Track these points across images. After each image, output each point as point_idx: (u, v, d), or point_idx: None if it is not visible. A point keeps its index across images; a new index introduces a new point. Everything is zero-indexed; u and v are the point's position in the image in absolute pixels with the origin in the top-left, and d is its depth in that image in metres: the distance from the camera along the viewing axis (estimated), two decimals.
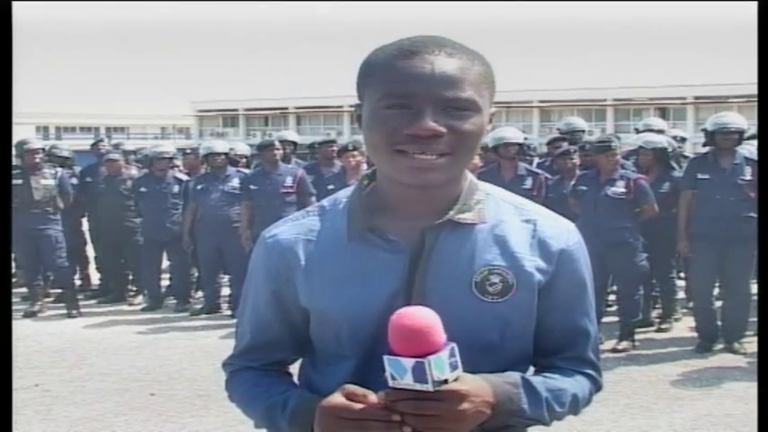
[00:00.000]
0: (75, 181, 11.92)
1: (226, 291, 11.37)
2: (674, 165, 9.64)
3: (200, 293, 11.90)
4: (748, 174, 8.39)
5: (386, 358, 1.74)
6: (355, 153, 10.32)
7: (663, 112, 64.46)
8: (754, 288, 9.27)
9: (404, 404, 1.74)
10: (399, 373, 1.73)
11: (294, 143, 12.83)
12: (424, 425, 1.75)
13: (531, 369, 2.04)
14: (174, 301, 11.64)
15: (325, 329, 1.97)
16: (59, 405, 7.25)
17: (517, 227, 1.96)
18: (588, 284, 2.04)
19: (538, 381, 1.95)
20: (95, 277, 12.94)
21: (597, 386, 2.09)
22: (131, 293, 12.29)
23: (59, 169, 11.40)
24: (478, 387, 1.80)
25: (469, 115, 1.83)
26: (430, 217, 1.91)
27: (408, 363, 1.71)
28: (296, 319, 2.02)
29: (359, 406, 1.76)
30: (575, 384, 2.01)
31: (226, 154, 11.22)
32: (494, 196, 2.00)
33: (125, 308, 11.72)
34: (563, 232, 1.99)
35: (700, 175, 8.59)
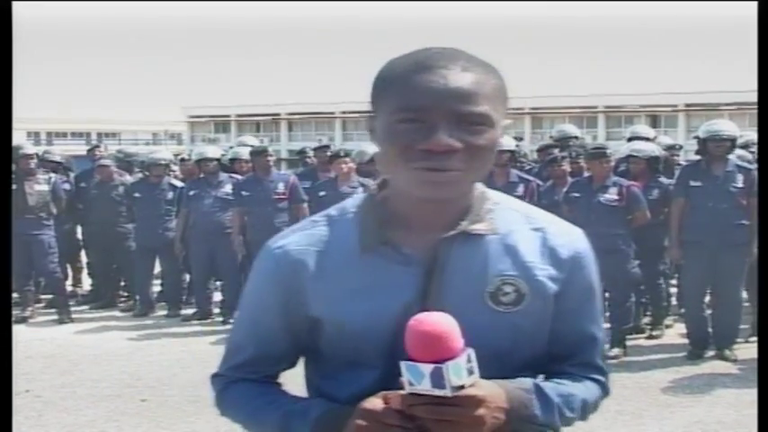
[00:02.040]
0: (67, 186, 11.90)
1: (218, 296, 11.36)
2: (664, 172, 9.67)
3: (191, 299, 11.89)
4: (740, 181, 8.41)
5: (403, 364, 1.74)
6: (347, 159, 10.34)
7: (654, 120, 64.63)
8: (745, 294, 9.31)
9: (421, 409, 1.75)
10: (417, 378, 1.73)
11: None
12: (442, 430, 1.76)
13: (541, 375, 2.04)
14: (166, 307, 11.62)
15: (342, 340, 1.95)
16: (50, 411, 7.24)
17: (527, 236, 1.96)
18: (597, 290, 2.05)
19: (549, 386, 1.96)
20: (87, 283, 12.93)
21: (605, 391, 2.10)
22: (123, 299, 12.27)
23: (53, 175, 11.41)
24: (494, 393, 1.81)
25: (484, 130, 1.82)
26: (442, 228, 1.90)
27: (426, 368, 1.71)
28: (301, 331, 2.00)
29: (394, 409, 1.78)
30: (584, 390, 2.02)
31: (218, 160, 11.23)
32: (503, 205, 1.99)
33: (116, 314, 11.70)
34: (572, 239, 2.00)
35: (692, 183, 8.60)
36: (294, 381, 2.14)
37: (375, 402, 1.80)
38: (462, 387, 1.74)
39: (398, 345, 1.79)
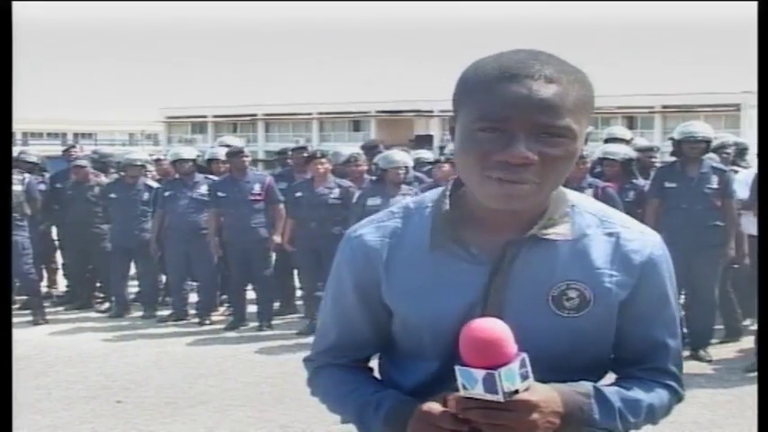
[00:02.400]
0: (42, 187, 11.86)
1: (194, 298, 11.33)
2: (641, 173, 9.71)
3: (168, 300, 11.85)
4: (715, 182, 8.47)
5: (457, 369, 1.76)
6: (323, 160, 10.32)
7: (631, 121, 64.90)
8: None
9: (475, 413, 1.77)
10: (470, 383, 1.75)
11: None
12: None
13: (608, 379, 2.05)
14: (142, 308, 11.57)
15: (407, 332, 2.00)
16: (25, 413, 7.19)
17: (600, 240, 1.95)
18: (671, 297, 2.03)
19: (611, 391, 1.96)
20: (62, 284, 12.88)
21: (678, 397, 2.09)
22: (98, 300, 12.23)
23: (27, 175, 11.35)
24: (548, 397, 1.81)
25: (564, 142, 1.80)
26: (515, 230, 1.91)
27: (479, 374, 1.74)
28: (381, 317, 2.05)
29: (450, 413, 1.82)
30: (652, 395, 2.01)
31: (194, 160, 11.20)
32: (579, 208, 1.99)
33: (92, 315, 11.65)
34: (646, 245, 1.98)
35: (667, 184, 8.65)
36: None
37: (433, 405, 1.84)
38: (516, 392, 1.75)
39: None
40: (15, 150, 12.89)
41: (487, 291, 1.90)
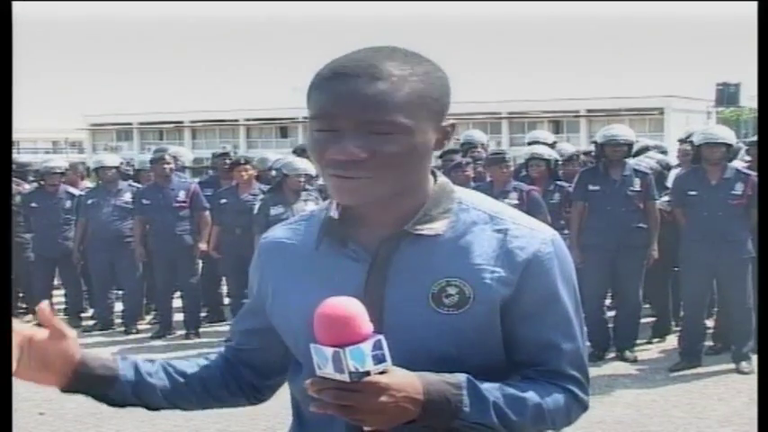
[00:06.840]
0: None
1: (119, 306, 11.19)
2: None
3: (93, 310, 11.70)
4: (637, 185, 8.59)
5: (312, 346, 1.75)
6: (247, 167, 10.30)
7: (557, 125, 65.66)
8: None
9: (325, 393, 1.75)
10: (322, 361, 1.74)
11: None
12: (344, 414, 1.76)
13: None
14: (66, 318, 11.40)
15: (286, 333, 2.02)
16: None
17: (485, 237, 1.91)
18: (562, 296, 1.95)
19: (491, 386, 1.86)
20: None
21: (581, 403, 1.98)
22: (21, 311, 12.03)
23: None
24: (405, 382, 1.76)
25: (395, 138, 1.80)
26: (393, 227, 1.91)
27: (329, 352, 1.72)
28: (262, 316, 2.10)
29: None
30: (542, 395, 1.91)
31: (117, 167, 11.09)
32: (467, 205, 1.96)
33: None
34: (533, 242, 1.92)
35: (590, 187, 8.73)
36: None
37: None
38: (367, 374, 1.73)
39: None
40: None
41: (367, 288, 1.89)
